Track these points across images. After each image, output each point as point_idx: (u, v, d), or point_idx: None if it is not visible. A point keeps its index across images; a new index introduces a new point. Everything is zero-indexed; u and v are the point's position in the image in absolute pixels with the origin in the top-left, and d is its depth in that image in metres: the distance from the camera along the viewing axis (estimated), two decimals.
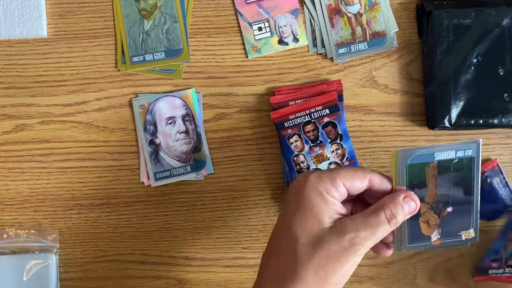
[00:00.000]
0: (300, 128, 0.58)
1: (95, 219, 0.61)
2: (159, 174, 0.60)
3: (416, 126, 0.62)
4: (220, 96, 0.61)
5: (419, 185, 0.46)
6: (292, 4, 0.61)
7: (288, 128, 0.59)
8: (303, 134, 0.58)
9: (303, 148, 0.58)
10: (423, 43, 0.61)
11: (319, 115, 0.58)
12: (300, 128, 0.58)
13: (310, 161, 0.58)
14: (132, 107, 0.61)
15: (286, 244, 0.44)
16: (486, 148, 0.62)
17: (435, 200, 0.47)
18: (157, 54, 0.61)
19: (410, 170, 0.46)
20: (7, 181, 0.61)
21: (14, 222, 0.61)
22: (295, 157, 0.58)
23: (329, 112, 0.58)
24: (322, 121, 0.58)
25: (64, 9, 0.61)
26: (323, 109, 0.58)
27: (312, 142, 0.58)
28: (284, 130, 0.59)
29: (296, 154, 0.58)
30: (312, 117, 0.58)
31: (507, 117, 0.59)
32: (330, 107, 0.58)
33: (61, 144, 0.61)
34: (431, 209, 0.47)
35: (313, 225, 0.43)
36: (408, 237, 0.47)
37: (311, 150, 0.58)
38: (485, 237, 0.61)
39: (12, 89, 0.61)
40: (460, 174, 0.47)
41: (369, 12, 0.61)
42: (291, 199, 0.45)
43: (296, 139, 0.58)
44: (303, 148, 0.58)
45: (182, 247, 0.62)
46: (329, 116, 0.58)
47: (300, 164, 0.58)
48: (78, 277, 0.61)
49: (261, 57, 0.61)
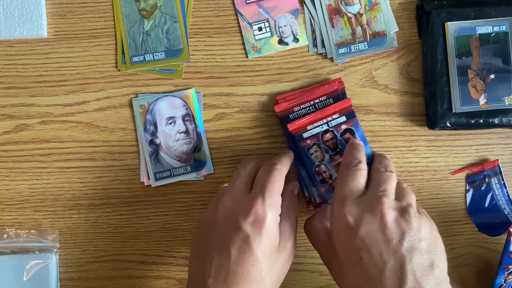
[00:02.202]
0: (319, 138, 0.58)
1: (95, 219, 0.61)
2: (159, 174, 0.60)
3: (416, 126, 0.62)
4: (220, 96, 0.61)
5: (466, 54, 0.56)
6: (292, 4, 0.61)
7: (307, 139, 0.58)
8: (322, 144, 0.58)
9: (324, 158, 0.58)
10: (423, 43, 0.61)
11: (336, 123, 0.58)
12: (319, 137, 0.58)
13: (332, 170, 0.58)
14: (132, 107, 0.61)
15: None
16: (486, 148, 0.62)
17: (480, 68, 0.54)
18: (157, 54, 0.61)
19: (457, 41, 0.56)
20: (7, 181, 0.61)
21: (14, 222, 0.61)
22: (317, 167, 0.58)
23: (346, 119, 0.58)
24: (339, 129, 0.58)
25: (64, 9, 0.61)
26: (340, 116, 0.58)
27: (332, 150, 0.58)
28: (303, 141, 0.58)
29: (317, 165, 0.58)
30: (330, 125, 0.58)
31: (507, 117, 0.59)
32: (346, 114, 0.58)
33: (61, 144, 0.61)
34: (477, 75, 0.53)
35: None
36: (460, 100, 0.54)
37: (331, 159, 0.58)
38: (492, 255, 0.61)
39: (12, 89, 0.61)
40: (498, 46, 0.56)
41: (369, 12, 0.61)
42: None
43: (316, 149, 0.58)
44: (324, 157, 0.58)
45: (182, 247, 0.62)
46: (346, 123, 0.58)
47: (323, 174, 0.58)
48: (78, 277, 0.61)
49: (261, 57, 0.61)
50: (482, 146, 0.62)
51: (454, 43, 0.57)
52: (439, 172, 0.62)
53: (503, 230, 0.59)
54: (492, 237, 0.61)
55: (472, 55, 0.57)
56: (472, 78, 0.56)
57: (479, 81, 0.55)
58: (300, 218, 0.56)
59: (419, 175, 0.62)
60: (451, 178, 0.62)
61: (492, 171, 0.61)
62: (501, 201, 0.61)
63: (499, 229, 0.60)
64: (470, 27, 0.57)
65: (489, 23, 0.57)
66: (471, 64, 0.56)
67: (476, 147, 0.62)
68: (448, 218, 0.62)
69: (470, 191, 0.62)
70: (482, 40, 0.57)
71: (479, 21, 0.57)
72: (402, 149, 0.62)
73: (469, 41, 0.57)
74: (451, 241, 0.62)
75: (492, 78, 0.57)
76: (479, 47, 0.57)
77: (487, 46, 0.57)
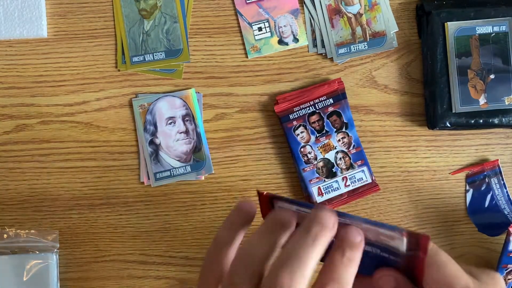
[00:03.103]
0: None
1: (95, 219, 0.61)
2: (159, 174, 0.60)
3: (416, 126, 0.62)
4: (220, 96, 0.61)
5: (465, 54, 0.56)
6: (292, 4, 0.61)
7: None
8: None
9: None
10: (423, 43, 0.61)
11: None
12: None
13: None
14: (132, 107, 0.61)
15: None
16: (486, 148, 0.62)
17: (480, 68, 0.54)
18: (157, 54, 0.61)
19: (457, 41, 0.54)
20: (7, 181, 0.61)
21: (14, 222, 0.61)
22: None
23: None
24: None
25: (64, 9, 0.61)
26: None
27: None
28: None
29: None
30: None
31: (507, 117, 0.59)
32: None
33: (61, 144, 0.61)
34: (477, 75, 0.53)
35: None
36: (460, 100, 0.53)
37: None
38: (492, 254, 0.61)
39: (12, 89, 0.61)
40: (498, 46, 0.56)
41: (369, 12, 0.61)
42: None
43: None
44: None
45: (182, 247, 0.62)
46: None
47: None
48: (78, 277, 0.61)
49: (261, 57, 0.61)
50: (482, 146, 0.62)
51: (454, 43, 0.57)
52: (439, 172, 0.62)
53: (503, 230, 0.59)
54: (492, 237, 0.61)
55: (472, 55, 0.57)
56: (472, 78, 0.56)
57: (479, 81, 0.56)
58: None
59: (419, 175, 0.62)
60: (451, 178, 0.62)
61: (492, 171, 0.61)
62: (501, 201, 0.61)
63: (499, 229, 0.60)
64: (470, 27, 0.57)
65: (489, 23, 0.57)
66: (471, 64, 0.56)
67: (476, 147, 0.62)
68: (448, 218, 0.62)
69: (470, 191, 0.62)
70: (482, 40, 0.57)
71: (479, 21, 0.57)
72: (402, 149, 0.62)
73: (469, 41, 0.57)
74: (451, 241, 0.62)
75: (492, 78, 0.57)
76: (479, 47, 0.57)
77: (487, 46, 0.57)
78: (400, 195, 0.62)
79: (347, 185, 0.59)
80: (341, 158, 0.59)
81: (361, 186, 0.60)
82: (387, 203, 0.62)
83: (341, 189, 0.59)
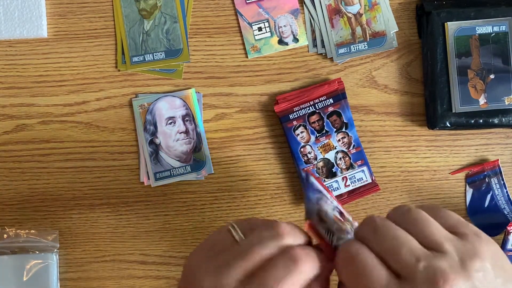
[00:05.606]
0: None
1: (95, 219, 0.61)
2: (159, 174, 0.61)
3: (416, 126, 0.62)
4: (220, 96, 0.61)
5: (465, 54, 0.56)
6: (292, 4, 0.61)
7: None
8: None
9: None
10: (423, 43, 0.61)
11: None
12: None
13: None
14: (132, 107, 0.61)
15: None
16: (486, 148, 0.62)
17: (480, 68, 0.54)
18: (157, 54, 0.61)
19: (457, 41, 0.55)
20: (7, 181, 0.61)
21: (14, 222, 0.61)
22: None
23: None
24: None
25: (64, 9, 0.61)
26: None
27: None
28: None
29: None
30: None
31: (507, 117, 0.59)
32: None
33: (61, 144, 0.61)
34: (477, 75, 0.53)
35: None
36: (460, 100, 0.53)
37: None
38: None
39: (12, 89, 0.61)
40: (498, 46, 0.56)
41: (369, 12, 0.61)
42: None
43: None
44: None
45: (182, 247, 0.62)
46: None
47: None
48: (78, 277, 0.61)
49: (261, 57, 0.61)
50: (482, 146, 0.62)
51: (454, 43, 0.57)
52: (439, 172, 0.62)
53: (503, 230, 0.59)
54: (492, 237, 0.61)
55: (472, 55, 0.57)
56: (472, 78, 0.56)
57: (479, 81, 0.56)
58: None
59: (419, 175, 0.62)
60: (451, 178, 0.62)
61: (492, 171, 0.61)
62: (500, 201, 0.61)
63: (499, 229, 0.60)
64: (470, 27, 0.57)
65: (489, 23, 0.57)
66: (471, 64, 0.56)
67: (476, 147, 0.62)
68: None
69: (470, 191, 0.62)
70: (482, 40, 0.57)
71: (479, 21, 0.57)
72: (402, 149, 0.62)
73: (469, 41, 0.57)
74: None
75: (492, 78, 0.57)
76: (479, 47, 0.57)
77: (487, 46, 0.57)
78: (400, 195, 0.62)
79: (347, 185, 0.59)
80: (341, 158, 0.59)
81: (361, 186, 0.60)
82: (387, 203, 0.62)
83: (341, 189, 0.59)
